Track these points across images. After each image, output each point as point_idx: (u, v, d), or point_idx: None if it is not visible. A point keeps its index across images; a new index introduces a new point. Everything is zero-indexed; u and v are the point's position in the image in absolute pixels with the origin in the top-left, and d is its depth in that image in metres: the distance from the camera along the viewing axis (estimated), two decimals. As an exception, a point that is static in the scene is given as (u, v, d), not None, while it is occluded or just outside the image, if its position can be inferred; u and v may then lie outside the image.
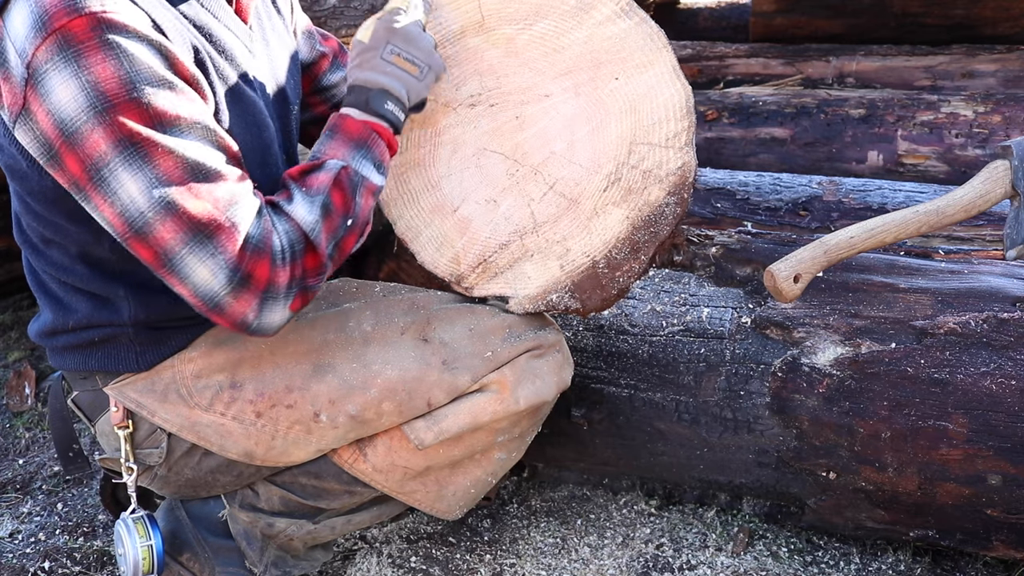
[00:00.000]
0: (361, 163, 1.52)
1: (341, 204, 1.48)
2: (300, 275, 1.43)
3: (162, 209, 1.33)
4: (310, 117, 1.94)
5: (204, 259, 1.36)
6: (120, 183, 1.32)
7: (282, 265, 1.40)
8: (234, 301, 1.39)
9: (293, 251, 1.42)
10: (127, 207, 1.34)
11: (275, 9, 1.75)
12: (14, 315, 3.17)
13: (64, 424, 1.72)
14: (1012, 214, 1.70)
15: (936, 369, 1.74)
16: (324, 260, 1.46)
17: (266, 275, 1.39)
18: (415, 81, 1.58)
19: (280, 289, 1.41)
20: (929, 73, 4.01)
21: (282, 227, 1.42)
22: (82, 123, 1.30)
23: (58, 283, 1.58)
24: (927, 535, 1.83)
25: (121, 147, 1.31)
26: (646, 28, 1.66)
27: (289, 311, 1.45)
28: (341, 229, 1.48)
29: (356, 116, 1.55)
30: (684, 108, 1.65)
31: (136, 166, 1.32)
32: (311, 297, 1.47)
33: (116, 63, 1.30)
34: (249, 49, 1.61)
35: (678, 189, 1.65)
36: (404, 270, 1.95)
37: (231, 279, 1.37)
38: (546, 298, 1.70)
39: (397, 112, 1.56)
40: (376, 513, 1.78)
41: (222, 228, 1.36)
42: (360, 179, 1.51)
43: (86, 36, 1.29)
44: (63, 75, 1.29)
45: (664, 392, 1.93)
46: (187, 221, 1.34)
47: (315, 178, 1.47)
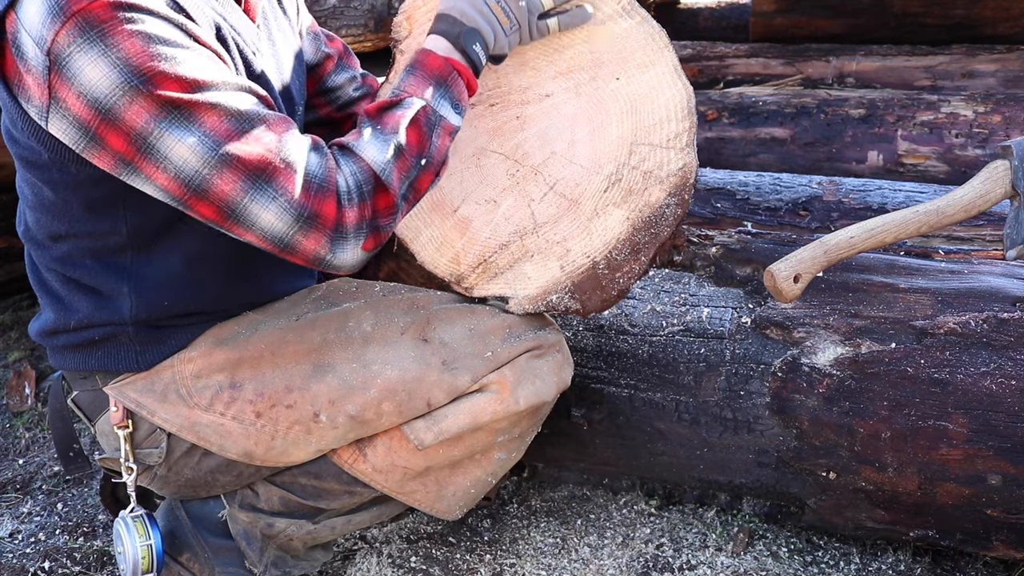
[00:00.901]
0: (440, 102, 1.52)
1: (416, 143, 1.47)
2: (371, 215, 1.43)
3: (217, 163, 1.34)
4: (315, 118, 1.94)
5: (267, 204, 1.37)
6: (169, 147, 1.33)
7: (349, 204, 1.41)
8: (304, 239, 1.40)
9: (361, 191, 1.42)
10: (181, 169, 1.34)
11: (281, 10, 1.76)
12: (14, 315, 3.17)
13: (64, 424, 1.72)
14: (1012, 214, 1.70)
15: (936, 369, 1.74)
16: (396, 200, 1.45)
17: (333, 214, 1.39)
18: (503, 33, 1.59)
19: (349, 228, 1.41)
20: (929, 73, 4.01)
21: (348, 168, 1.42)
22: (118, 98, 1.30)
23: (61, 280, 1.58)
24: (927, 535, 1.83)
25: (164, 114, 1.32)
26: (647, 28, 1.66)
27: (362, 251, 1.45)
28: (415, 169, 1.48)
29: (439, 51, 1.54)
30: (685, 109, 1.65)
31: (183, 128, 1.33)
32: (384, 237, 1.47)
33: (142, 37, 1.30)
34: (257, 49, 1.61)
35: (679, 190, 1.65)
36: (404, 270, 1.95)
37: (297, 219, 1.38)
38: (546, 299, 1.70)
39: (482, 55, 1.57)
40: (376, 513, 1.78)
41: (278, 170, 1.36)
42: (438, 118, 1.51)
43: (107, 16, 1.29)
44: (90, 55, 1.29)
45: (664, 392, 1.94)
46: (243, 169, 1.35)
47: (391, 115, 1.47)
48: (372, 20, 3.17)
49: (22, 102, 1.38)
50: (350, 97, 1.95)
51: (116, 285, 1.55)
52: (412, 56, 1.56)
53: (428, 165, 1.50)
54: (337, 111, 1.95)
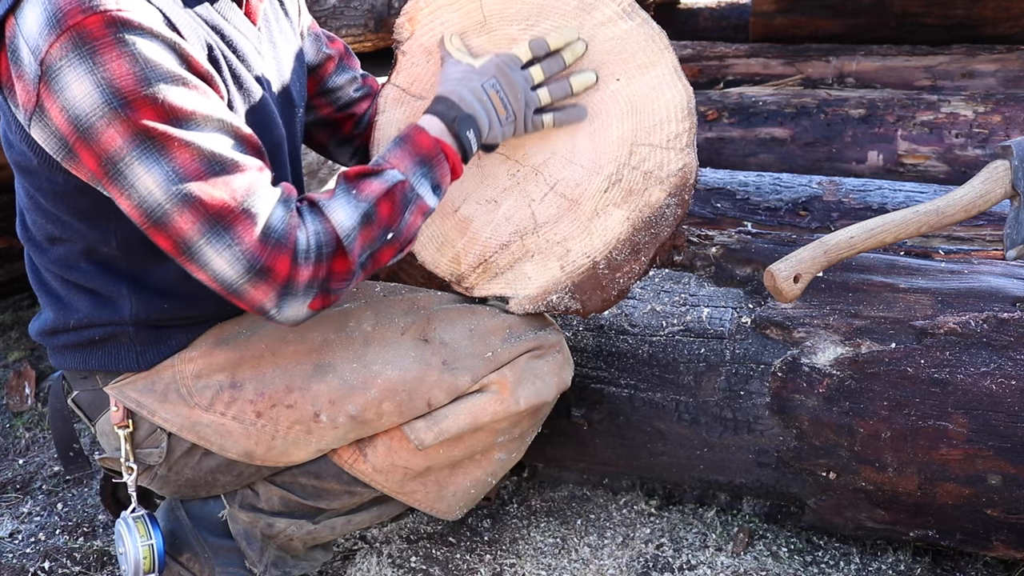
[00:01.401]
0: (420, 181, 1.51)
1: (387, 216, 1.46)
2: (324, 276, 1.42)
3: (179, 201, 1.33)
4: (315, 119, 1.94)
5: (221, 249, 1.36)
6: (136, 176, 1.33)
7: (304, 263, 1.39)
8: (252, 289, 1.38)
9: (320, 252, 1.40)
10: (144, 199, 1.34)
11: (283, 11, 1.76)
12: (14, 315, 3.17)
13: (64, 424, 1.72)
14: (1012, 214, 1.70)
15: (936, 369, 1.74)
16: (354, 267, 1.44)
17: (285, 270, 1.38)
18: (498, 123, 1.60)
19: (299, 286, 1.40)
20: (929, 73, 4.02)
21: (312, 226, 1.41)
22: (97, 119, 1.31)
23: (60, 281, 1.58)
24: (927, 535, 1.83)
25: (137, 142, 1.32)
26: (648, 29, 1.66)
27: (308, 309, 1.43)
28: (379, 241, 1.46)
29: (432, 131, 1.54)
30: (685, 109, 1.65)
31: (152, 159, 1.32)
32: (333, 300, 1.46)
33: (131, 60, 1.30)
34: (258, 51, 1.61)
35: (679, 190, 1.65)
36: (404, 270, 1.95)
37: (249, 269, 1.37)
38: (546, 299, 1.70)
39: (474, 143, 1.57)
40: (376, 513, 1.79)
41: (239, 218, 1.35)
42: (415, 196, 1.49)
43: (100, 33, 1.29)
44: (77, 72, 1.30)
45: (664, 392, 1.94)
46: (204, 212, 1.34)
47: (369, 183, 1.46)
48: (372, 20, 3.17)
49: (11, 105, 1.39)
50: (351, 98, 1.95)
51: (115, 287, 1.55)
52: (404, 130, 1.55)
53: (394, 240, 1.48)
54: (337, 111, 1.95)
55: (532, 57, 1.64)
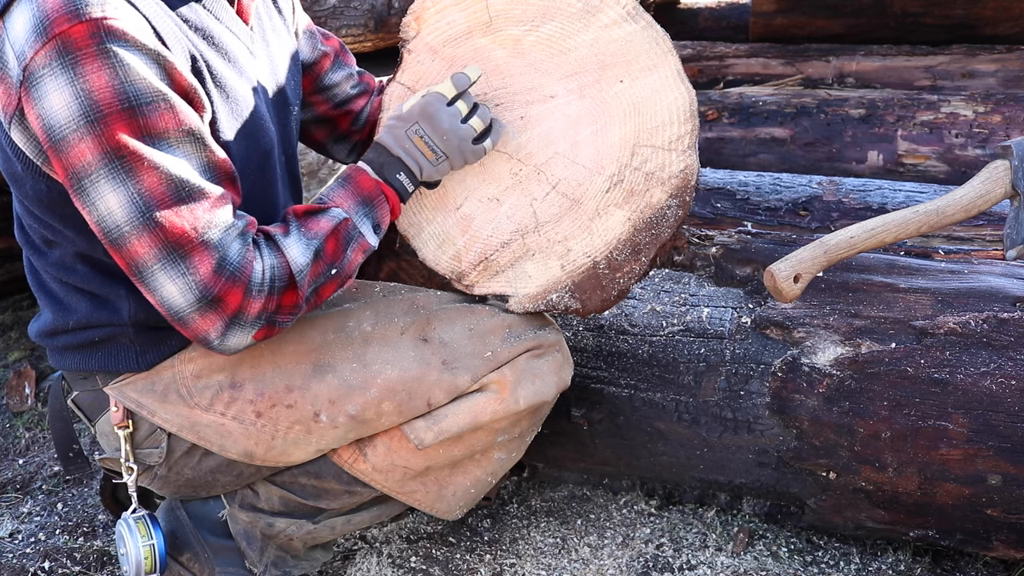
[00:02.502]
0: (362, 220, 1.57)
1: (331, 252, 1.51)
2: (273, 309, 1.45)
3: (139, 225, 1.35)
4: (312, 116, 1.94)
5: (175, 277, 1.37)
6: (100, 195, 1.34)
7: (257, 296, 1.42)
8: (199, 319, 1.40)
9: (273, 285, 1.43)
10: (104, 218, 1.35)
11: (276, 10, 1.75)
12: (14, 315, 3.17)
13: (64, 424, 1.72)
14: (1012, 214, 1.70)
15: (936, 369, 1.74)
16: (300, 301, 1.48)
17: (237, 302, 1.41)
18: (429, 164, 1.64)
19: (249, 318, 1.43)
20: (929, 73, 4.01)
21: (269, 260, 1.44)
22: (71, 131, 1.31)
23: (59, 283, 1.58)
24: (927, 535, 1.83)
25: (107, 159, 1.32)
26: (651, 32, 1.66)
27: (252, 339, 1.46)
28: (323, 276, 1.51)
29: (370, 174, 1.60)
30: (688, 112, 1.65)
31: (119, 180, 1.33)
32: (277, 332, 1.49)
33: (111, 73, 1.30)
34: (250, 50, 1.61)
35: (680, 192, 1.65)
36: (404, 269, 1.95)
37: (200, 299, 1.39)
38: (546, 298, 1.70)
39: (407, 183, 1.63)
40: (376, 513, 1.79)
41: (196, 249, 1.37)
42: (357, 234, 1.55)
43: (85, 43, 1.29)
44: (58, 81, 1.30)
45: (664, 392, 1.94)
46: (162, 239, 1.35)
47: (316, 221, 1.51)
48: (372, 20, 3.17)
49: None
50: (347, 94, 1.95)
51: (112, 289, 1.55)
52: (345, 171, 1.61)
53: (336, 275, 1.53)
54: (334, 108, 1.95)
55: (456, 93, 1.65)
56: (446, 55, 1.73)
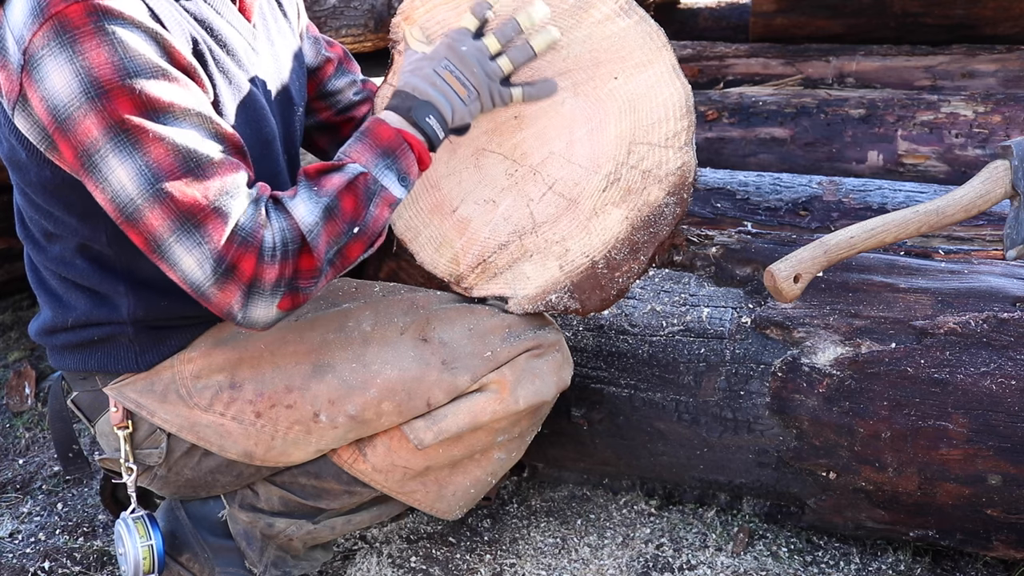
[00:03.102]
0: (384, 172, 1.49)
1: (351, 210, 1.45)
2: (291, 274, 1.41)
3: (151, 196, 1.33)
4: (315, 123, 1.94)
5: (191, 248, 1.35)
6: (111, 169, 1.33)
7: (271, 261, 1.38)
8: (219, 291, 1.38)
9: (286, 249, 1.39)
10: (117, 193, 1.34)
11: (281, 13, 1.77)
12: (14, 315, 3.17)
13: (64, 424, 1.72)
14: (1012, 214, 1.70)
15: (936, 369, 1.74)
16: (320, 264, 1.43)
17: (251, 269, 1.37)
18: (461, 103, 1.56)
19: (266, 285, 1.39)
20: (929, 73, 4.01)
21: (278, 223, 1.40)
22: (75, 109, 1.31)
23: (58, 279, 1.58)
24: (927, 535, 1.83)
25: (112, 134, 1.32)
26: (645, 27, 1.66)
27: (277, 309, 1.42)
28: (345, 235, 1.45)
29: (392, 123, 1.52)
30: (684, 107, 1.64)
31: (126, 153, 1.32)
32: (303, 299, 1.44)
33: (110, 49, 1.31)
34: (252, 46, 1.61)
35: (678, 189, 1.65)
36: (404, 270, 1.95)
37: (216, 269, 1.36)
38: (545, 298, 1.70)
39: (437, 129, 1.54)
40: (376, 513, 1.79)
41: (209, 218, 1.35)
42: (379, 188, 1.48)
43: (81, 22, 1.30)
44: (58, 61, 1.30)
45: (664, 392, 1.93)
46: (175, 209, 1.34)
47: (329, 179, 1.45)
48: (372, 20, 3.17)
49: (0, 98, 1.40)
50: (350, 101, 1.96)
51: (111, 285, 1.55)
52: (365, 123, 1.54)
53: (361, 234, 1.47)
54: (337, 115, 1.95)
55: (480, 23, 1.59)
56: None
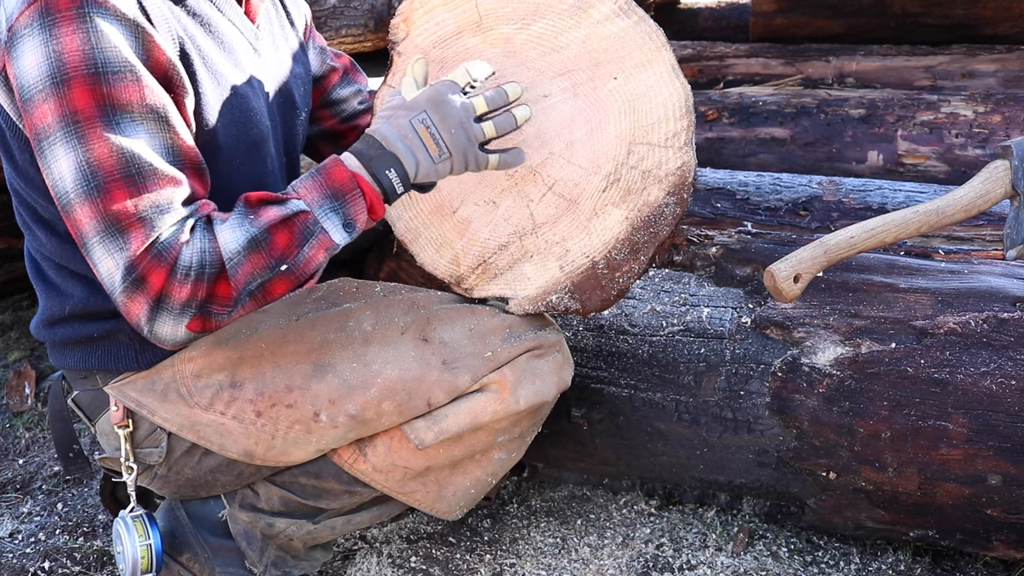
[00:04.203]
0: (327, 215, 1.44)
1: (283, 246, 1.41)
2: (204, 298, 1.38)
3: (84, 194, 1.34)
4: (319, 131, 1.95)
5: (112, 252, 1.35)
6: (55, 158, 1.34)
7: (183, 280, 1.36)
8: (128, 300, 1.37)
9: (201, 271, 1.37)
10: (57, 182, 1.36)
11: (288, 20, 1.78)
12: (14, 315, 3.17)
13: (64, 424, 1.72)
14: (1012, 214, 1.70)
15: (936, 369, 1.74)
16: (237, 293, 1.40)
17: (160, 284, 1.36)
18: (429, 161, 1.48)
19: (174, 303, 1.37)
20: (929, 73, 4.01)
21: (200, 244, 1.38)
22: (37, 91, 1.33)
23: (55, 268, 1.58)
24: (927, 535, 1.83)
25: (63, 123, 1.33)
26: (644, 27, 1.66)
27: (186, 330, 1.40)
28: (270, 271, 1.41)
29: (350, 165, 1.47)
30: (683, 107, 1.64)
31: (71, 145, 1.33)
32: (214, 325, 1.42)
33: (84, 38, 1.32)
34: (255, 48, 1.62)
35: (677, 189, 1.65)
36: (404, 270, 1.96)
37: (125, 278, 1.36)
38: (546, 299, 1.70)
39: (397, 184, 1.47)
40: (376, 513, 1.79)
41: (134, 226, 1.35)
42: (318, 230, 1.43)
43: (65, 7, 1.32)
44: (35, 41, 1.32)
45: (664, 392, 1.94)
46: (103, 212, 1.34)
47: (266, 210, 1.42)
48: (372, 20, 3.17)
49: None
50: (355, 110, 1.96)
51: None
52: (324, 161, 1.48)
53: (289, 272, 1.42)
54: (341, 123, 1.96)
55: (471, 81, 1.51)
56: (436, 56, 1.73)
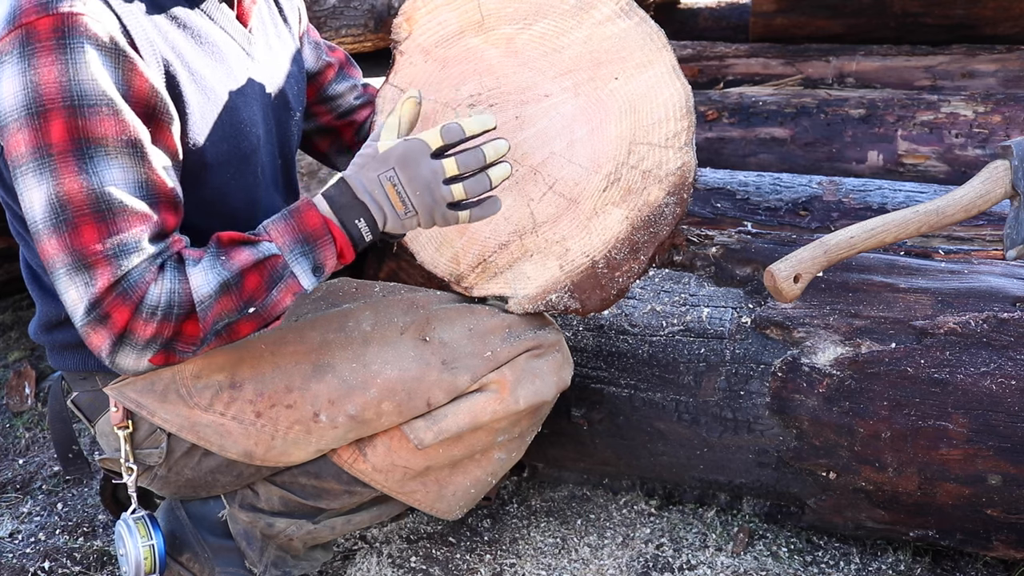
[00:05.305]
0: (298, 259, 1.45)
1: (252, 288, 1.42)
2: (169, 336, 1.40)
3: (52, 227, 1.34)
4: (315, 127, 1.94)
5: (77, 285, 1.36)
6: (27, 187, 1.35)
7: (149, 319, 1.37)
8: (92, 332, 1.38)
9: (169, 311, 1.38)
10: (27, 210, 1.36)
11: (281, 18, 1.77)
12: (14, 315, 3.17)
13: (64, 425, 1.72)
14: (1012, 214, 1.70)
15: (936, 369, 1.74)
16: (204, 334, 1.41)
17: (124, 321, 1.37)
18: (395, 216, 1.48)
19: (139, 339, 1.38)
20: (929, 73, 4.01)
21: (169, 285, 1.38)
22: (12, 120, 1.33)
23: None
24: (927, 535, 1.83)
25: (36, 155, 1.33)
26: (645, 28, 1.66)
27: (147, 362, 1.42)
28: (238, 312, 1.43)
29: (322, 210, 1.47)
30: (684, 108, 1.65)
31: (43, 177, 1.33)
32: (176, 360, 1.44)
33: (61, 68, 1.31)
34: (248, 52, 1.61)
35: (678, 189, 1.65)
36: (404, 270, 1.96)
37: (88, 313, 1.36)
38: (545, 298, 1.70)
39: (365, 232, 1.48)
40: (376, 513, 1.79)
41: (100, 263, 1.35)
42: (287, 274, 1.45)
43: (47, 35, 1.31)
44: (14, 69, 1.32)
45: (664, 392, 1.94)
46: (70, 246, 1.34)
47: (239, 252, 1.42)
48: (372, 20, 3.17)
49: None
50: (351, 105, 1.96)
51: None
52: (298, 203, 1.48)
53: (256, 315, 1.44)
54: (337, 119, 1.96)
55: (444, 144, 1.47)
56: (438, 56, 1.73)
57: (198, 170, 1.50)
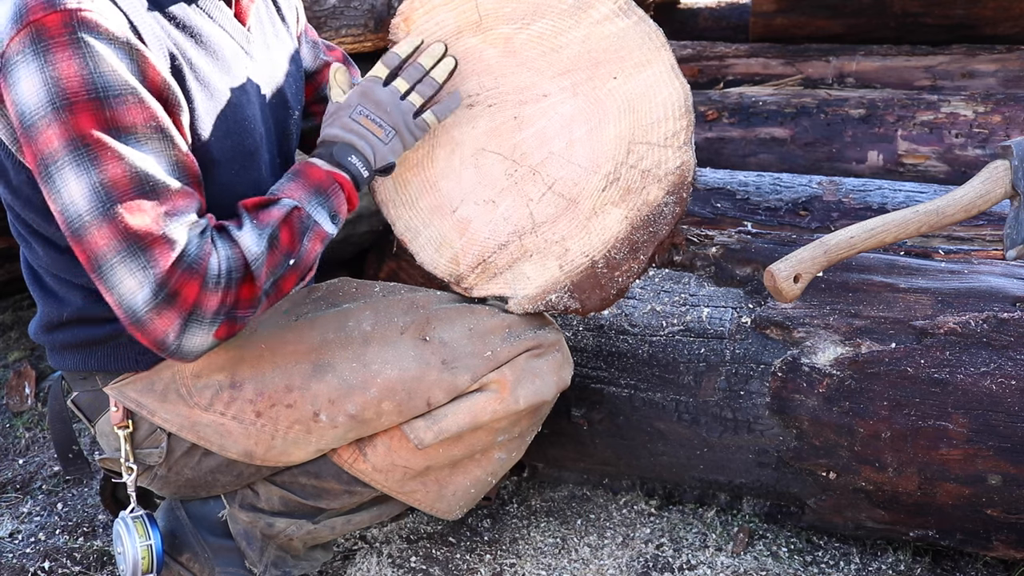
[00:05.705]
0: (316, 209, 1.51)
1: (288, 242, 1.47)
2: (232, 303, 1.42)
3: (100, 215, 1.33)
4: (313, 126, 1.94)
5: (135, 271, 1.35)
6: (65, 182, 1.33)
7: (215, 289, 1.39)
8: (156, 318, 1.37)
9: (230, 277, 1.40)
10: (67, 207, 1.35)
11: (279, 17, 1.77)
12: (14, 315, 3.17)
13: (64, 425, 1.72)
14: (1012, 214, 1.70)
15: (936, 369, 1.74)
16: (259, 294, 1.44)
17: (194, 295, 1.37)
18: (380, 143, 1.59)
19: (207, 313, 1.39)
20: (929, 73, 4.01)
21: (224, 252, 1.41)
22: (39, 118, 1.32)
23: (52, 277, 1.58)
24: (927, 535, 1.83)
25: (72, 147, 1.32)
26: (644, 27, 1.66)
27: (213, 338, 1.42)
28: (282, 267, 1.47)
29: (321, 165, 1.55)
30: (683, 107, 1.65)
31: (83, 168, 1.33)
32: (238, 328, 1.45)
33: (81, 62, 1.31)
34: (246, 51, 1.61)
35: (677, 188, 1.65)
36: (404, 270, 1.96)
37: (156, 294, 1.35)
38: (545, 298, 1.70)
39: (360, 167, 1.57)
40: (376, 513, 1.79)
41: (157, 242, 1.35)
42: (312, 223, 1.50)
43: (57, 32, 1.31)
44: (30, 68, 1.31)
45: (664, 392, 1.93)
46: (123, 231, 1.34)
47: (268, 212, 1.47)
48: (372, 20, 3.17)
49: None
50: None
51: None
52: (296, 166, 1.57)
53: (295, 266, 1.49)
54: None
55: (389, 72, 1.64)
56: None
57: (204, 165, 1.50)
